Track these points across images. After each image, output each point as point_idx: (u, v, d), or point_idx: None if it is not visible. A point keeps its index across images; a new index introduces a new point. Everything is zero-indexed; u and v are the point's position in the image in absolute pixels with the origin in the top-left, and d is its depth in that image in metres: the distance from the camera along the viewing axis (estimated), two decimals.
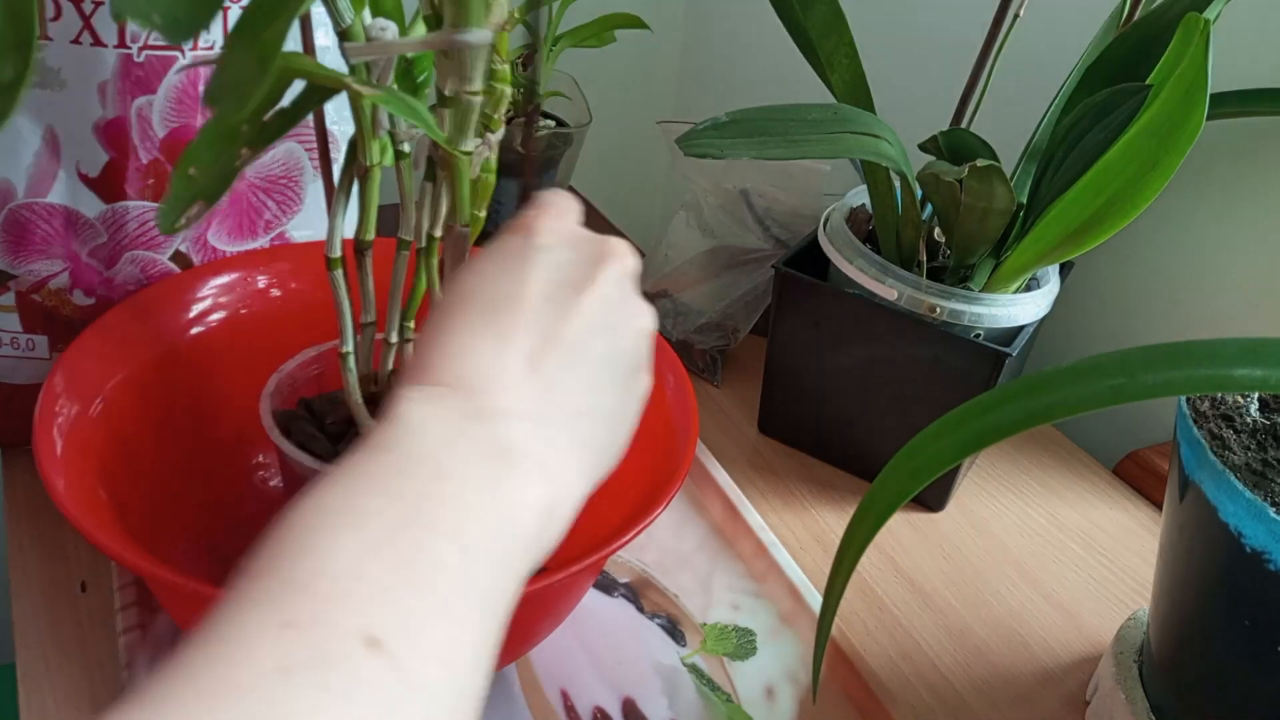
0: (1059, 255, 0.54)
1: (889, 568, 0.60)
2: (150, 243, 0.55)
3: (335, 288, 0.41)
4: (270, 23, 0.25)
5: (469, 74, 0.34)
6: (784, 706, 0.50)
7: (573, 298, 0.32)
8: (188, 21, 0.24)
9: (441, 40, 0.33)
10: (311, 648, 0.22)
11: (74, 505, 0.39)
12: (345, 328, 0.42)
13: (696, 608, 0.55)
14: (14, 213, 0.51)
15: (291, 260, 0.57)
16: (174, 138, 0.53)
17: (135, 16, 0.24)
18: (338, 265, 0.41)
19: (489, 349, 0.31)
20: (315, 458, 0.42)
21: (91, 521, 0.39)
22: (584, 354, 0.32)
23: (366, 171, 0.38)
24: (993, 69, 0.57)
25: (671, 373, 0.52)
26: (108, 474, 0.44)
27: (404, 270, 0.42)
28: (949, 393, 0.59)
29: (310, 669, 0.22)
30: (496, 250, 0.34)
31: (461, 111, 0.35)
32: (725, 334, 0.75)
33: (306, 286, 0.57)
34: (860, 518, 0.37)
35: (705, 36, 1.12)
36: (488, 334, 0.31)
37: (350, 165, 0.39)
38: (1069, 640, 0.56)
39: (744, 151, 0.52)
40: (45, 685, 0.47)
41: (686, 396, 0.50)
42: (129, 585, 0.50)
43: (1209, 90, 0.43)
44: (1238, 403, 0.43)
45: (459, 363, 0.30)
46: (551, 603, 0.46)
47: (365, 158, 0.38)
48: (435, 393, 0.29)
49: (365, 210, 0.40)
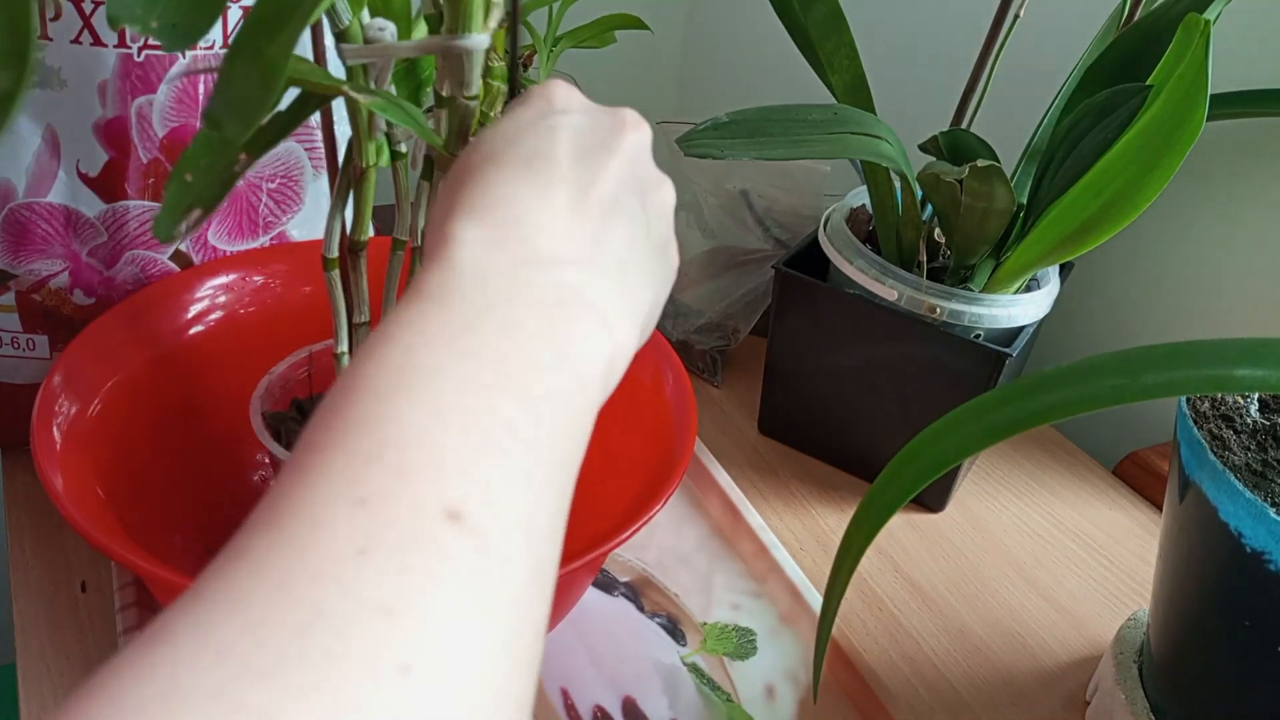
0: (1059, 256, 0.54)
1: (889, 568, 0.60)
2: (150, 242, 0.55)
3: (331, 288, 0.41)
4: (275, 35, 0.24)
5: (467, 78, 0.34)
6: (784, 706, 0.50)
7: (603, 158, 0.31)
8: (186, 29, 0.24)
9: (439, 45, 0.33)
10: (389, 525, 0.20)
11: (73, 504, 0.39)
12: (340, 328, 0.42)
13: (697, 607, 0.55)
14: (14, 212, 0.51)
15: (288, 260, 0.58)
16: (174, 137, 0.53)
17: (133, 24, 0.23)
18: (334, 266, 0.41)
19: (532, 197, 0.29)
20: None
21: (90, 521, 0.39)
22: (622, 211, 0.31)
23: (363, 173, 0.38)
24: (993, 69, 0.57)
25: (670, 369, 0.52)
26: (106, 473, 0.44)
27: (399, 269, 0.42)
28: (949, 393, 0.59)
29: (389, 549, 0.20)
30: (516, 115, 0.32)
31: (459, 115, 0.35)
32: (725, 334, 0.75)
33: (303, 286, 0.57)
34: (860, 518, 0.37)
35: (705, 36, 1.12)
36: (527, 184, 0.29)
37: (347, 167, 0.39)
38: (1069, 640, 0.56)
39: (744, 152, 0.52)
40: (45, 685, 0.47)
41: (685, 394, 0.50)
42: (129, 585, 0.50)
43: (1209, 91, 0.43)
44: (1238, 403, 0.43)
45: (504, 209, 0.28)
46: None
47: (362, 159, 0.38)
48: (489, 237, 0.27)
49: (360, 211, 0.40)
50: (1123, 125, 0.50)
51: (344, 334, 0.43)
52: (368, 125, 0.37)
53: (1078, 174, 0.51)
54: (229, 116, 0.24)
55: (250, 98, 0.24)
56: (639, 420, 0.52)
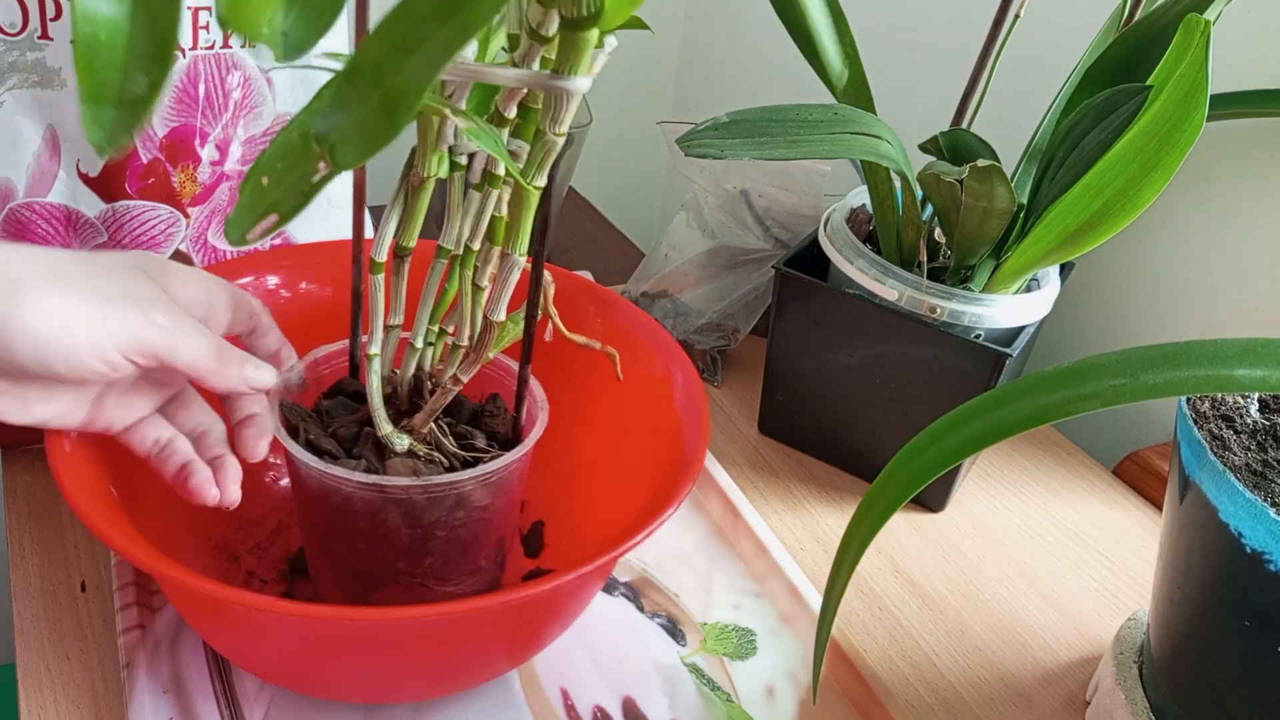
0: (1059, 256, 0.54)
1: (889, 568, 0.60)
2: (151, 242, 0.55)
3: (375, 291, 0.41)
4: (401, 63, 0.21)
5: (560, 116, 0.33)
6: (784, 706, 0.50)
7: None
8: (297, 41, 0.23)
9: (543, 83, 0.32)
10: None
11: (86, 506, 0.39)
12: (376, 330, 0.42)
13: (697, 607, 0.55)
14: (14, 212, 0.51)
15: (301, 261, 0.57)
16: (174, 137, 0.53)
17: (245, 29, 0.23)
18: (381, 269, 0.41)
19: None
20: (321, 457, 0.42)
21: (105, 522, 0.39)
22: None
23: (421, 181, 0.38)
24: (993, 69, 0.57)
25: (682, 372, 0.52)
26: (116, 473, 0.44)
27: (439, 277, 0.42)
28: (949, 393, 0.59)
29: None
30: None
31: (544, 149, 0.35)
32: (725, 334, 0.75)
33: (317, 287, 0.57)
34: (860, 518, 0.37)
35: (705, 36, 1.12)
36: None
37: (407, 174, 0.39)
38: (1069, 640, 0.56)
39: (744, 151, 0.52)
40: (45, 685, 0.47)
41: (697, 398, 0.50)
42: (129, 585, 0.50)
43: (1209, 91, 0.43)
44: (1238, 403, 0.43)
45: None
46: (561, 605, 0.46)
47: (424, 169, 0.38)
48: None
49: (412, 218, 0.40)
50: (1123, 125, 0.50)
51: (379, 335, 0.43)
52: (435, 138, 0.37)
53: (1078, 174, 0.51)
54: (345, 144, 0.23)
55: (373, 129, 0.22)
56: (650, 425, 0.52)
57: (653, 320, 0.55)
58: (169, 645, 0.48)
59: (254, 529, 0.54)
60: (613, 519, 0.48)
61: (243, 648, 0.45)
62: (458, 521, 0.44)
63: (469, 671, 0.46)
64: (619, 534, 0.42)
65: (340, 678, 0.45)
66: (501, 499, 0.46)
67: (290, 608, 0.39)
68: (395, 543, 0.43)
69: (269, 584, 0.51)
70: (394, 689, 0.45)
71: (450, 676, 0.46)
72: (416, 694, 0.46)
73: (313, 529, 0.48)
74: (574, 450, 0.54)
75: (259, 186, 0.27)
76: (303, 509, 0.48)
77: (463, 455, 0.44)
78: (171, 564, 0.38)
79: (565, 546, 0.55)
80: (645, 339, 0.54)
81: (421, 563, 0.45)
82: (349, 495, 0.42)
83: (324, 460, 0.42)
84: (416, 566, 0.45)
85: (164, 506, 0.46)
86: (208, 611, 0.44)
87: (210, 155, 0.55)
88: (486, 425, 0.47)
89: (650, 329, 0.54)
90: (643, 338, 0.54)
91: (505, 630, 0.45)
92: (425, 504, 0.43)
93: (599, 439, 0.55)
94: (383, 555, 0.44)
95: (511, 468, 0.44)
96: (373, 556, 0.44)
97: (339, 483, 0.42)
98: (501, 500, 0.46)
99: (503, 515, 0.47)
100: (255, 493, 0.55)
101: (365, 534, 0.43)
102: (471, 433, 0.46)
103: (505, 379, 0.49)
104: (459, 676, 0.46)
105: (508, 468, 0.43)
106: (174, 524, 0.49)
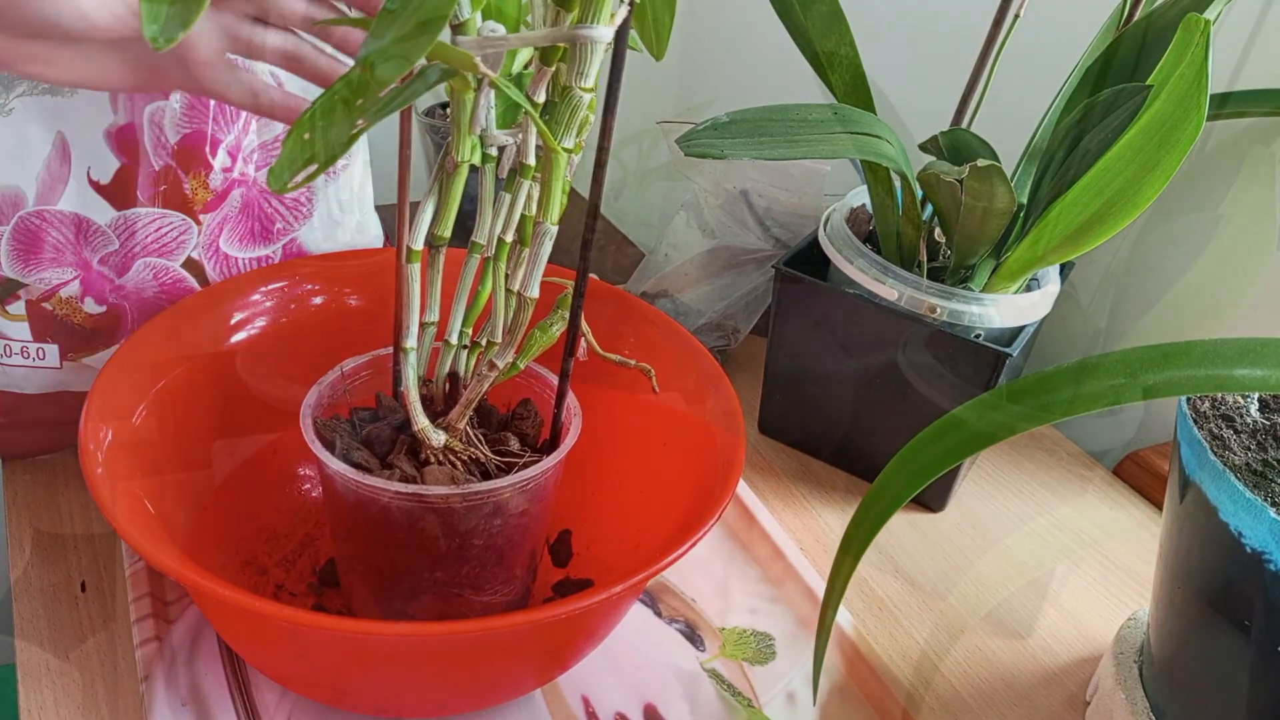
0: (1059, 255, 0.54)
1: (889, 568, 0.60)
2: (162, 250, 0.54)
3: (410, 281, 0.40)
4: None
5: (585, 69, 0.34)
6: (806, 711, 0.50)
7: None
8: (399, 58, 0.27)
9: (567, 35, 0.33)
10: None
11: (125, 520, 0.39)
12: (411, 324, 0.42)
13: (714, 612, 0.54)
14: (24, 220, 0.51)
15: (327, 268, 0.57)
16: (186, 144, 0.53)
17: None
18: (417, 258, 0.40)
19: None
20: (357, 469, 0.42)
21: (144, 537, 0.38)
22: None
23: (455, 167, 0.38)
24: (993, 69, 0.57)
25: (715, 389, 0.51)
26: (150, 486, 0.44)
27: (472, 273, 0.42)
28: (949, 393, 0.59)
29: None
30: None
31: (570, 107, 0.35)
32: (725, 334, 0.75)
33: (348, 295, 0.57)
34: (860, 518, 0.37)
35: (705, 36, 1.12)
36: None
37: (443, 160, 0.39)
38: (1069, 640, 0.56)
39: (744, 151, 0.52)
40: (45, 685, 0.47)
41: (731, 410, 0.49)
42: (144, 597, 0.50)
43: (1209, 91, 0.43)
44: (1238, 403, 0.43)
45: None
46: (595, 622, 0.46)
47: (457, 153, 0.38)
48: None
49: (446, 206, 0.39)
50: (1123, 125, 0.50)
51: (414, 330, 0.42)
52: (469, 121, 0.37)
53: (1078, 174, 0.51)
54: (384, 60, 0.28)
55: (410, 45, 0.27)
56: (681, 435, 0.51)
57: (686, 331, 0.55)
58: (186, 657, 0.48)
59: (281, 541, 0.53)
60: (642, 528, 0.47)
61: (281, 663, 0.45)
62: (495, 529, 0.43)
63: (500, 687, 0.46)
64: (652, 544, 0.41)
65: (373, 691, 0.44)
66: (538, 506, 0.45)
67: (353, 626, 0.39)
68: (433, 552, 0.43)
69: (299, 597, 0.51)
70: (422, 703, 0.45)
71: (479, 692, 0.46)
72: (443, 709, 0.46)
73: (348, 541, 0.47)
74: (600, 458, 0.54)
75: (301, 141, 0.30)
76: (337, 521, 0.47)
77: (496, 459, 0.44)
78: (230, 587, 0.37)
79: (593, 555, 0.54)
80: (678, 350, 0.54)
81: (459, 571, 0.44)
82: (386, 505, 0.42)
83: (360, 472, 0.42)
84: (454, 576, 0.44)
85: (192, 520, 0.45)
86: (255, 631, 0.43)
87: (222, 162, 0.54)
88: (517, 428, 0.46)
89: (684, 340, 0.54)
90: (675, 349, 0.54)
91: (543, 642, 0.45)
92: (464, 512, 0.42)
93: (627, 447, 0.54)
94: (420, 565, 0.44)
95: (549, 473, 0.44)
96: (409, 567, 0.44)
97: (376, 493, 0.41)
98: (538, 507, 0.45)
99: (538, 522, 0.47)
100: (282, 504, 0.55)
101: (402, 544, 0.43)
102: (505, 437, 0.45)
103: (535, 387, 0.49)
104: (488, 692, 0.46)
105: (545, 473, 0.43)
106: (202, 537, 0.48)
